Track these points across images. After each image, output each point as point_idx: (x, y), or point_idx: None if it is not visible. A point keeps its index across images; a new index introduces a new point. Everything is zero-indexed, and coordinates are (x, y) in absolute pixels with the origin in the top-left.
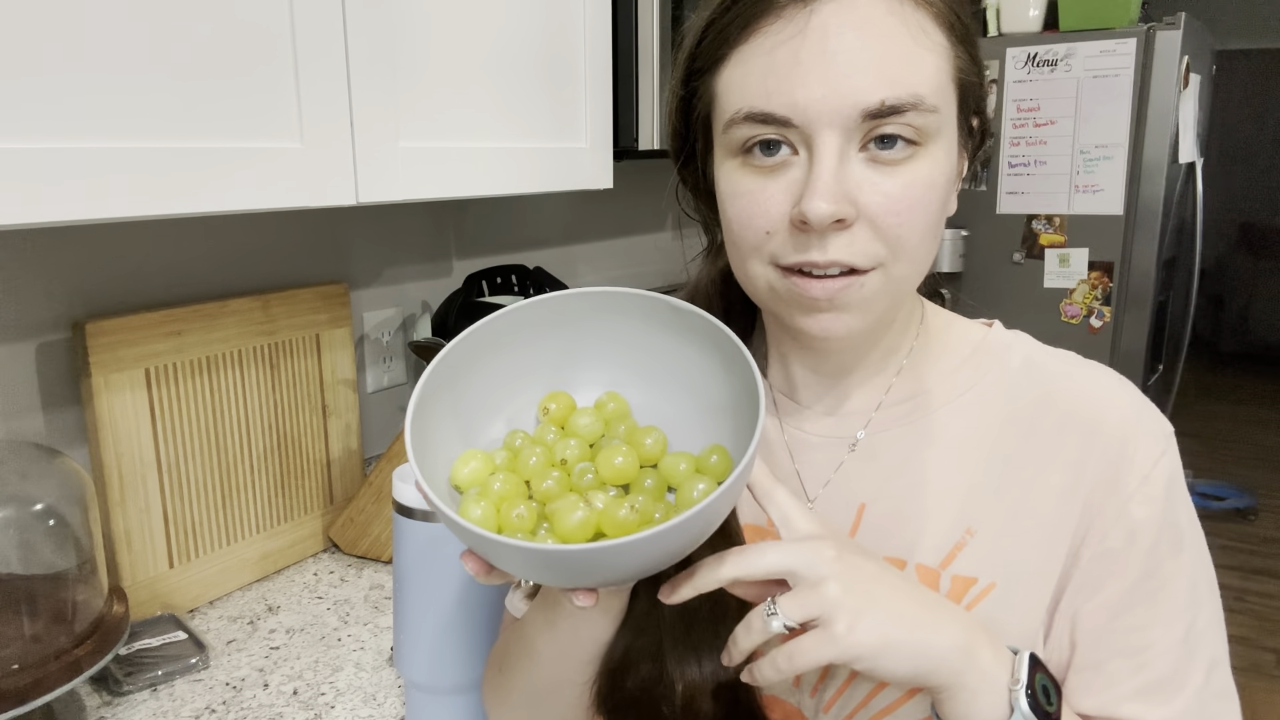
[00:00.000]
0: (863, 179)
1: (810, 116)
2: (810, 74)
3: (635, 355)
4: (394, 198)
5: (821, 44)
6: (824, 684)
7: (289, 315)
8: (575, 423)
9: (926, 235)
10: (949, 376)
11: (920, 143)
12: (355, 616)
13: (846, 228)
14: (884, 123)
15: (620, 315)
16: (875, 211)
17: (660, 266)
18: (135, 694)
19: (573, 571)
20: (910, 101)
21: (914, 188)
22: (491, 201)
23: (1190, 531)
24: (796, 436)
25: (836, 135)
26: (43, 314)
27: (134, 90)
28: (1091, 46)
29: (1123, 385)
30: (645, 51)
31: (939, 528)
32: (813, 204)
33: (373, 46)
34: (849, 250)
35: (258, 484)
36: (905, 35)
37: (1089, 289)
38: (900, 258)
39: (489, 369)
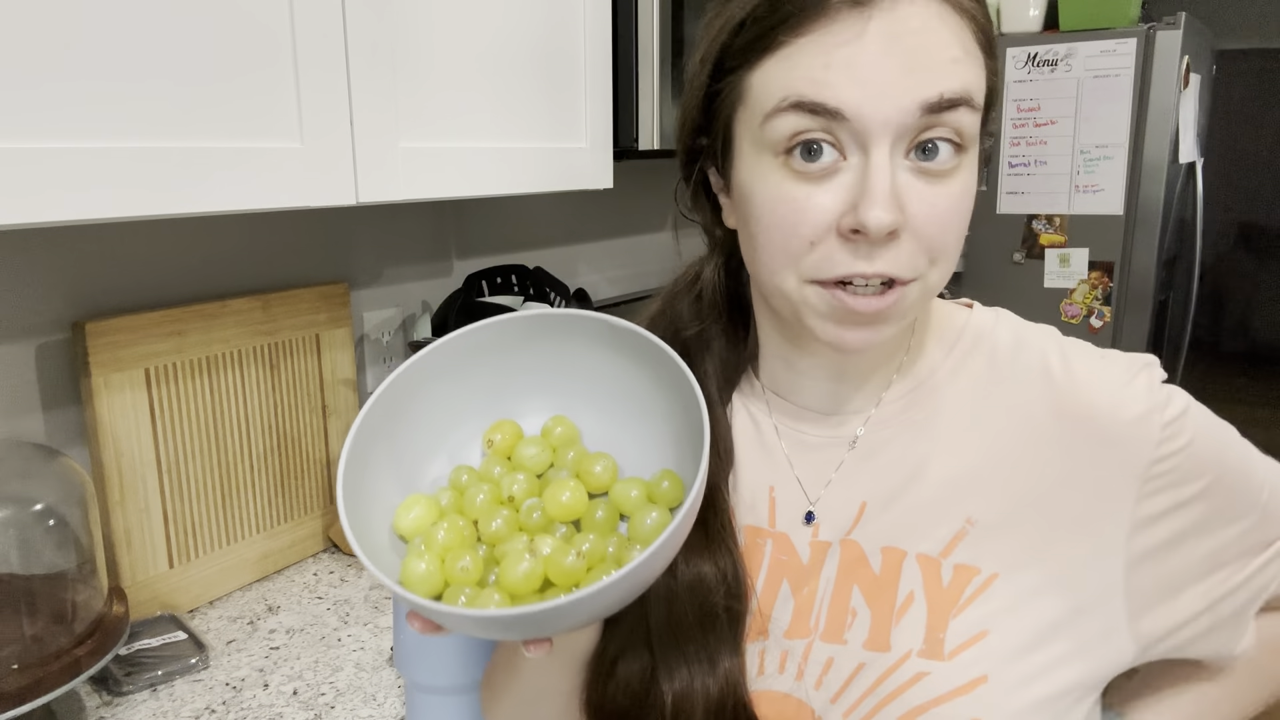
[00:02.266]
0: (910, 188)
1: (865, 113)
2: (864, 73)
3: (580, 378)
4: (394, 198)
5: (880, 46)
6: (828, 674)
7: (289, 315)
8: (521, 454)
9: (960, 243)
10: (941, 363)
11: (965, 148)
12: (355, 616)
13: (896, 239)
14: (937, 120)
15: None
16: (920, 222)
17: (660, 266)
18: (135, 694)
19: (523, 629)
20: (964, 96)
21: (955, 198)
22: (491, 201)
23: (1220, 443)
24: (795, 439)
25: (889, 139)
26: (43, 314)
27: (134, 90)
28: (1092, 46)
29: (1104, 360)
30: (645, 51)
31: (939, 517)
32: (873, 213)
33: (373, 47)
34: (895, 263)
35: (258, 484)
36: (956, 43)
37: (1089, 289)
38: (937, 266)
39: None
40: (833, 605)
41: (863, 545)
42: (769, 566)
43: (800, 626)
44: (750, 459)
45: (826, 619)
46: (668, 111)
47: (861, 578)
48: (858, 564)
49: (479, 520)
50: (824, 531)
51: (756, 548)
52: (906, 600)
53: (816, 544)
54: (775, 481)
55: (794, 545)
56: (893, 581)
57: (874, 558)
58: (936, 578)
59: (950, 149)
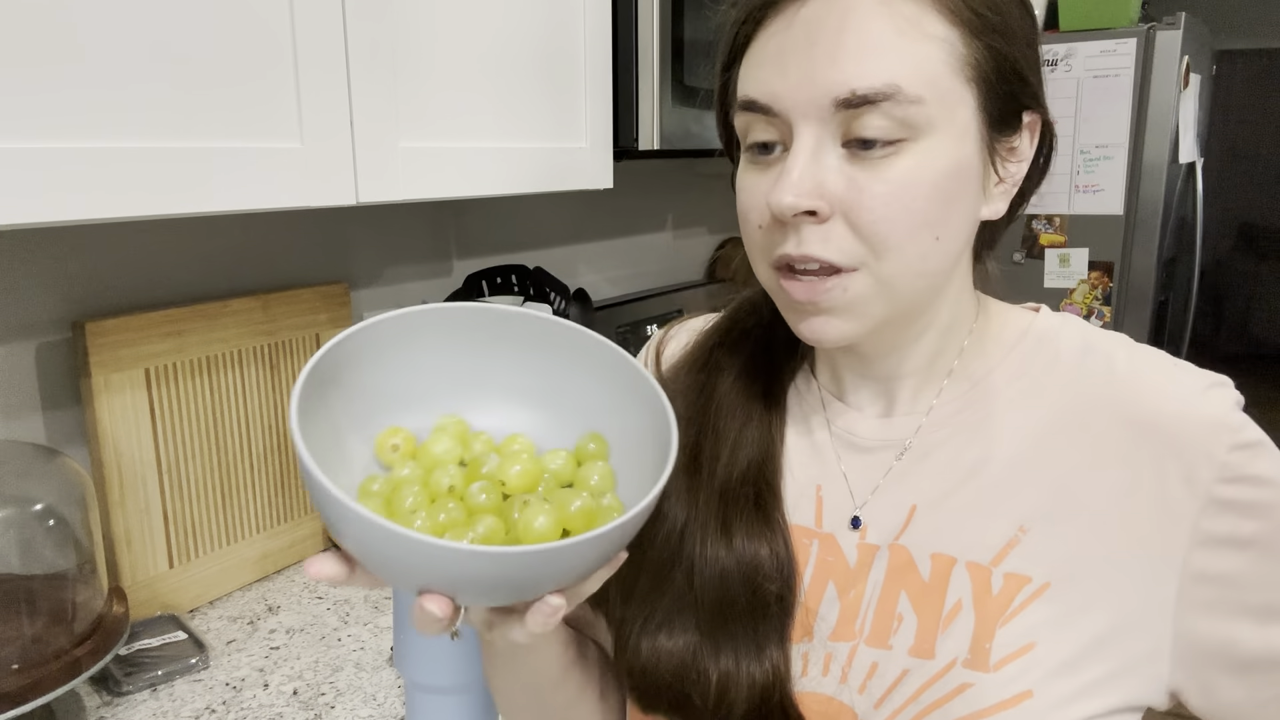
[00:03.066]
0: (838, 172)
1: (787, 105)
2: (789, 64)
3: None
4: (394, 198)
5: (805, 35)
6: (872, 679)
7: (289, 315)
8: (431, 450)
9: (917, 234)
10: (998, 368)
11: (906, 137)
12: (355, 616)
13: (821, 222)
14: (859, 114)
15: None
16: (849, 206)
17: (660, 266)
18: (135, 694)
19: (568, 567)
20: (884, 92)
21: (895, 184)
22: (491, 201)
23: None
24: (845, 439)
25: (812, 126)
26: (43, 314)
27: (134, 91)
28: (1091, 46)
29: (1177, 370)
30: (645, 51)
31: (990, 525)
32: (776, 195)
33: (373, 47)
34: (824, 245)
35: (258, 484)
36: (889, 27)
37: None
38: (885, 257)
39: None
40: (879, 610)
41: (911, 550)
42: (815, 567)
43: (846, 629)
44: (799, 458)
45: (873, 623)
46: (668, 111)
47: (910, 583)
48: (906, 569)
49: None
50: (872, 534)
51: (803, 547)
52: (954, 608)
53: (864, 546)
54: (823, 481)
55: (841, 547)
56: (941, 588)
57: (923, 564)
58: (986, 586)
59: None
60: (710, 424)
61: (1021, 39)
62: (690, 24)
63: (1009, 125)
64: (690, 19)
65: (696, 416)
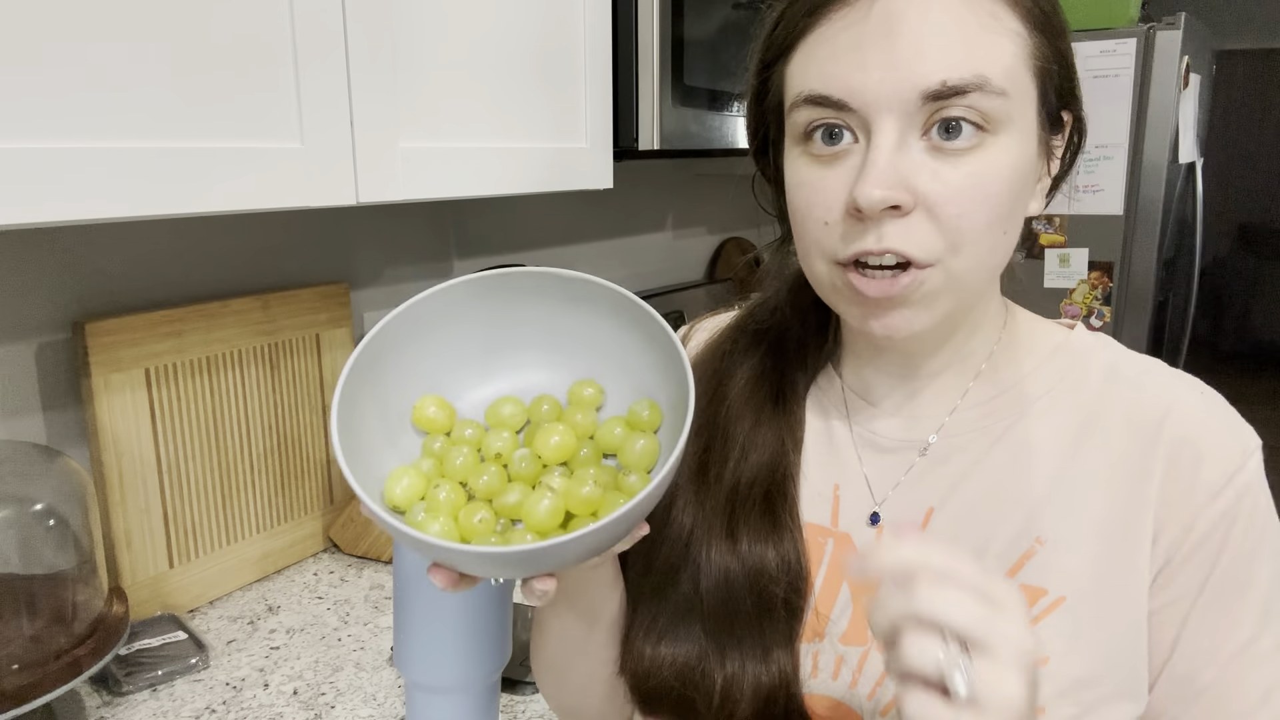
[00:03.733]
0: (922, 165)
1: (867, 100)
2: (869, 57)
3: (557, 336)
4: (394, 198)
5: (884, 27)
6: (882, 686)
7: (289, 315)
8: (499, 412)
9: (991, 229)
10: (1026, 379)
11: (988, 129)
12: (355, 616)
13: (903, 215)
14: (946, 105)
15: (539, 296)
16: (934, 200)
17: (660, 266)
18: (135, 694)
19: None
20: (974, 82)
21: (978, 177)
22: (491, 201)
23: (1268, 554)
24: (867, 438)
25: (895, 119)
26: (43, 314)
27: (134, 90)
28: (1091, 46)
29: (1203, 397)
30: (645, 51)
31: (1007, 535)
32: (864, 189)
33: (373, 47)
34: (905, 239)
35: (258, 484)
36: (972, 19)
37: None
38: (961, 251)
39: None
40: None
41: None
42: (829, 566)
43: (858, 633)
44: (816, 457)
45: None
46: (668, 111)
47: None
48: None
49: (467, 481)
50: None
51: (817, 546)
52: None
53: None
54: (841, 480)
55: (856, 547)
56: None
57: None
58: None
59: (971, 128)
60: (720, 429)
61: (1067, 38)
62: (690, 24)
63: (1058, 122)
64: (690, 19)
65: (707, 423)
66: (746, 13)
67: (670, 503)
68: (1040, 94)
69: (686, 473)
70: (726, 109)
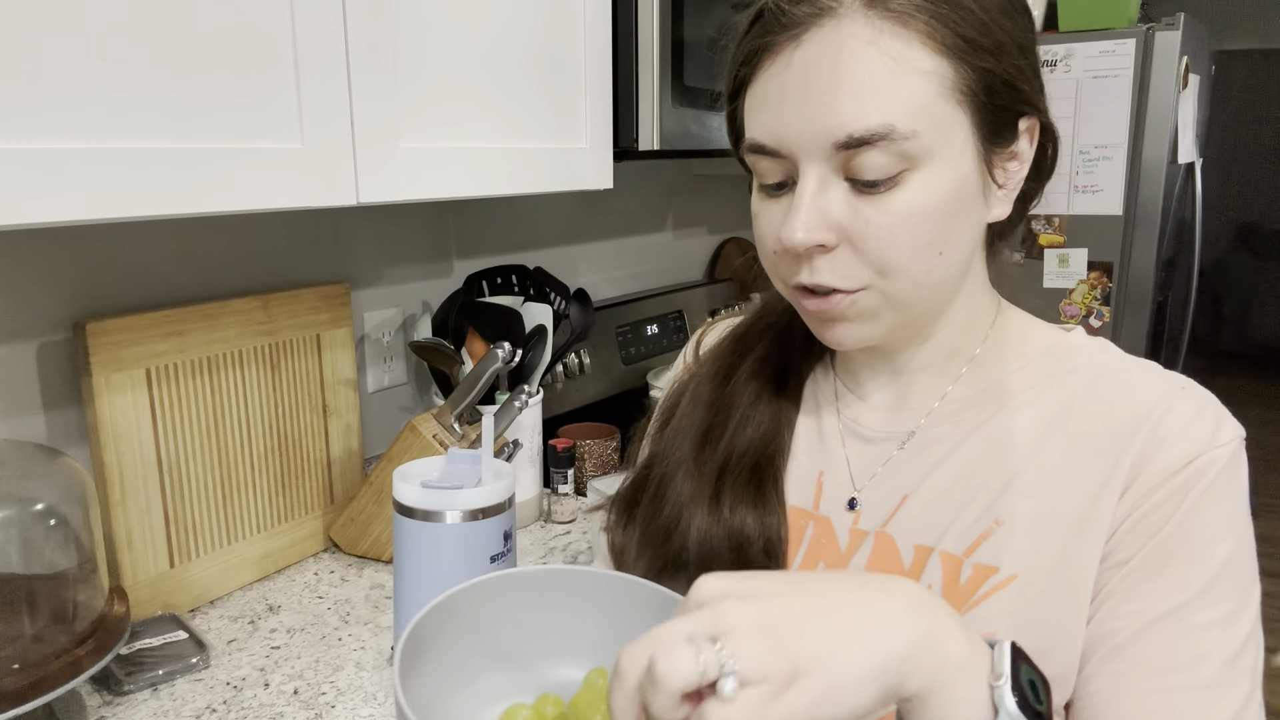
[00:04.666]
0: (845, 204)
1: (791, 148)
2: (791, 109)
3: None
4: (394, 198)
5: (800, 78)
6: None
7: (290, 315)
8: (579, 705)
9: (919, 254)
10: (1010, 377)
11: (905, 168)
12: (356, 616)
13: (828, 252)
14: (857, 153)
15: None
16: (855, 236)
17: (660, 266)
18: (136, 694)
19: None
20: (879, 132)
21: (897, 212)
22: (491, 201)
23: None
24: (852, 428)
25: (816, 165)
26: (43, 314)
27: (134, 90)
28: (1091, 47)
29: (1184, 392)
30: (645, 51)
31: (970, 517)
32: (787, 232)
33: (373, 47)
34: (831, 274)
35: (258, 484)
36: (880, 66)
37: (1088, 289)
38: (890, 278)
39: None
40: None
41: (896, 539)
42: (808, 548)
43: None
44: (806, 444)
45: None
46: (668, 112)
47: (891, 571)
48: (889, 557)
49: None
50: (864, 520)
51: (798, 528)
52: None
53: (855, 531)
54: (825, 467)
55: (834, 530)
56: (917, 575)
57: (906, 553)
58: (955, 575)
59: (886, 168)
60: (724, 405)
61: (1013, 51)
62: (690, 24)
63: (1005, 135)
64: (690, 19)
65: (714, 399)
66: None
67: (675, 470)
68: (974, 117)
69: (689, 441)
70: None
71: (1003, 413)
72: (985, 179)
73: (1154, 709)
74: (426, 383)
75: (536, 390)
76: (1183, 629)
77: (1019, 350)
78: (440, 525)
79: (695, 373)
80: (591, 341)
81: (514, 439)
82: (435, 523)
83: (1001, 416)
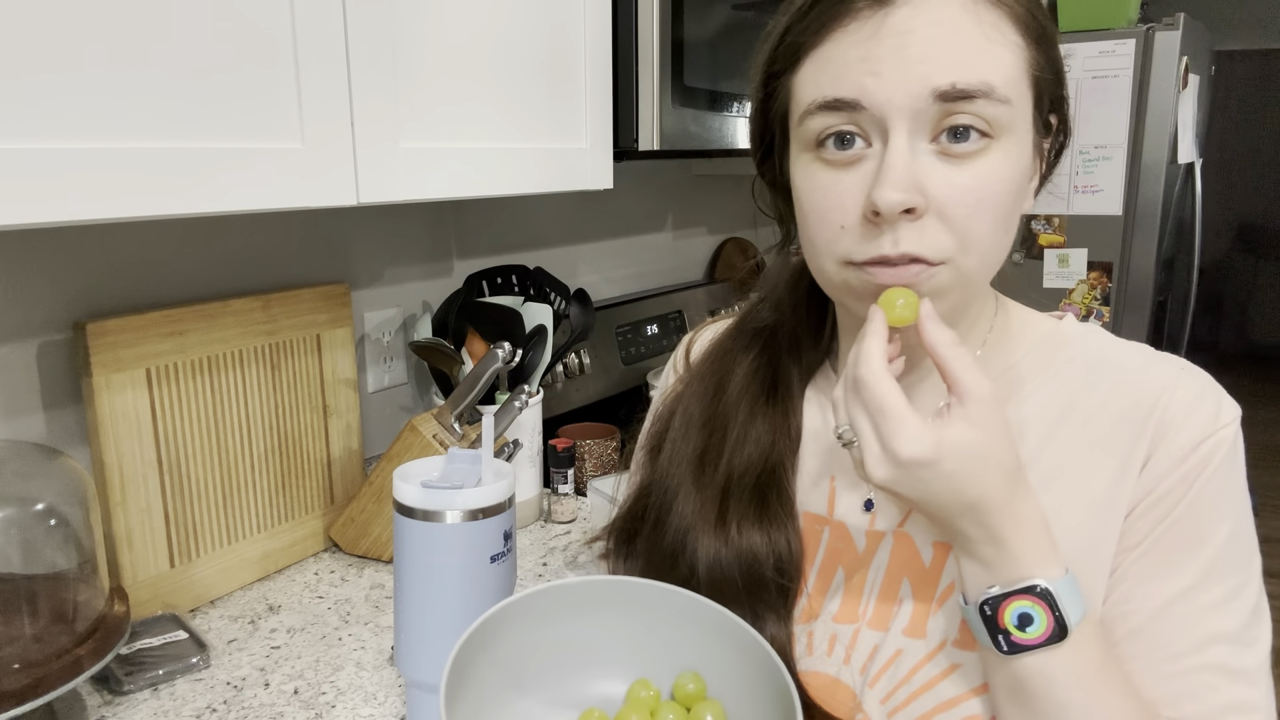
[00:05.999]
0: (933, 170)
1: (880, 99)
2: (882, 63)
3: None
4: (395, 198)
5: (894, 40)
6: (872, 661)
7: (290, 315)
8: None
9: (996, 229)
10: (1016, 366)
11: (992, 135)
12: (356, 616)
13: (917, 218)
14: (955, 108)
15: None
16: (945, 203)
17: (660, 266)
18: (136, 693)
19: None
20: (981, 89)
21: (984, 180)
22: (491, 201)
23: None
24: None
25: (906, 122)
26: (43, 314)
27: (134, 90)
28: (1091, 47)
29: (1184, 373)
30: (645, 51)
31: None
32: (883, 193)
33: (373, 47)
34: (919, 242)
35: (259, 484)
36: (978, 31)
37: (1088, 289)
38: (969, 251)
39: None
40: (882, 594)
41: (914, 538)
42: (825, 553)
43: (849, 612)
44: (814, 449)
45: (875, 607)
46: (668, 112)
47: (912, 570)
48: (910, 556)
49: None
50: (880, 521)
51: (814, 534)
52: (946, 590)
53: (872, 533)
54: (837, 471)
55: (850, 533)
56: (937, 571)
57: (925, 550)
58: None
59: (977, 134)
60: (719, 423)
61: (1058, 47)
62: (690, 24)
63: (1048, 126)
64: (690, 19)
65: (709, 418)
66: (747, 14)
67: (675, 494)
68: (1036, 101)
69: (686, 465)
70: (726, 109)
71: (1012, 401)
72: (1033, 167)
73: (1171, 694)
74: (426, 383)
75: (536, 390)
76: (1193, 610)
77: (1020, 340)
78: (440, 525)
79: (681, 392)
80: (591, 341)
81: (514, 439)
82: (435, 523)
83: (1011, 405)
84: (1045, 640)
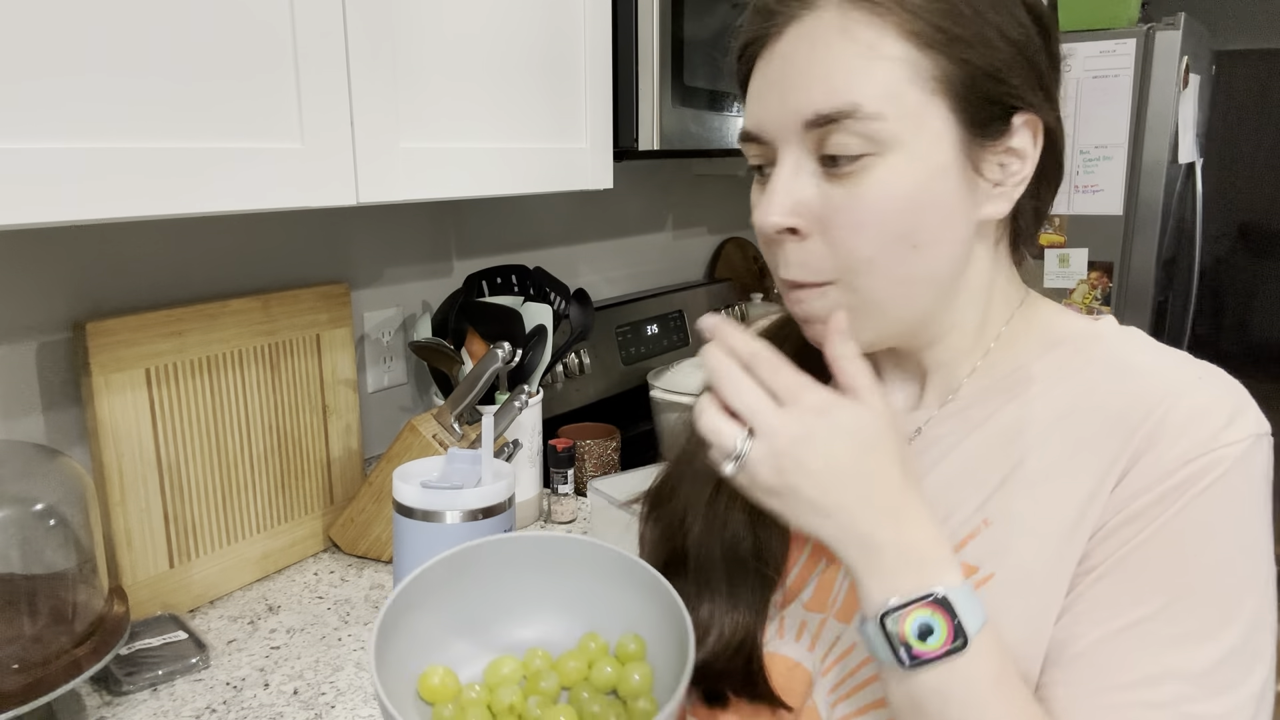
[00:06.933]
0: (816, 189)
1: (771, 130)
2: (769, 94)
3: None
4: (394, 198)
5: (780, 68)
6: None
7: (289, 315)
8: (499, 670)
9: (889, 246)
10: (1022, 369)
11: (873, 151)
12: (355, 616)
13: (802, 239)
14: (826, 132)
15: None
16: (826, 223)
17: (660, 266)
18: (136, 694)
19: None
20: (845, 110)
21: (863, 198)
22: (491, 201)
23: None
24: None
25: (790, 148)
26: (43, 314)
27: (134, 90)
28: (1091, 47)
29: (1203, 381)
30: (645, 51)
31: (961, 516)
32: (758, 216)
33: (373, 47)
34: (801, 268)
35: (258, 484)
36: (850, 51)
37: (1089, 289)
38: (858, 270)
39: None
40: (852, 588)
41: None
42: (811, 548)
43: (820, 601)
44: None
45: (844, 599)
46: (668, 112)
47: None
48: None
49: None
50: None
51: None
52: None
53: None
54: None
55: None
56: None
57: None
58: None
59: (848, 150)
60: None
61: (998, 44)
62: (690, 24)
63: (995, 128)
64: (690, 19)
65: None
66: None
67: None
68: (954, 106)
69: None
70: (726, 109)
71: (1010, 406)
72: (970, 173)
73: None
74: (426, 383)
75: (536, 390)
76: (1149, 641)
77: (1029, 341)
78: (440, 525)
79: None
80: (591, 341)
81: (514, 439)
82: (435, 523)
83: (1010, 410)
84: (946, 651)
